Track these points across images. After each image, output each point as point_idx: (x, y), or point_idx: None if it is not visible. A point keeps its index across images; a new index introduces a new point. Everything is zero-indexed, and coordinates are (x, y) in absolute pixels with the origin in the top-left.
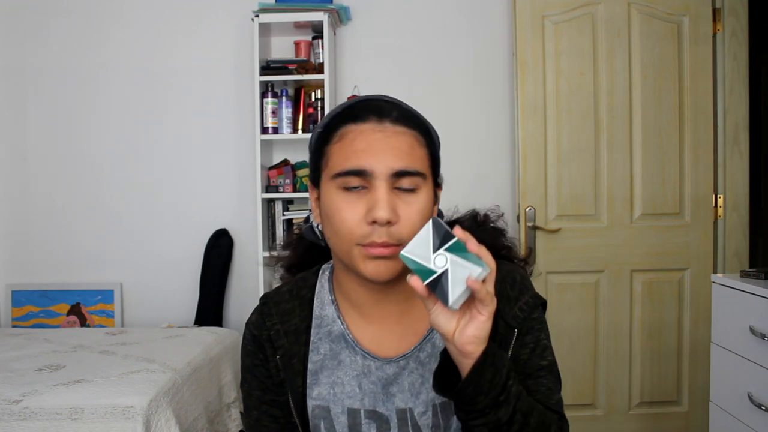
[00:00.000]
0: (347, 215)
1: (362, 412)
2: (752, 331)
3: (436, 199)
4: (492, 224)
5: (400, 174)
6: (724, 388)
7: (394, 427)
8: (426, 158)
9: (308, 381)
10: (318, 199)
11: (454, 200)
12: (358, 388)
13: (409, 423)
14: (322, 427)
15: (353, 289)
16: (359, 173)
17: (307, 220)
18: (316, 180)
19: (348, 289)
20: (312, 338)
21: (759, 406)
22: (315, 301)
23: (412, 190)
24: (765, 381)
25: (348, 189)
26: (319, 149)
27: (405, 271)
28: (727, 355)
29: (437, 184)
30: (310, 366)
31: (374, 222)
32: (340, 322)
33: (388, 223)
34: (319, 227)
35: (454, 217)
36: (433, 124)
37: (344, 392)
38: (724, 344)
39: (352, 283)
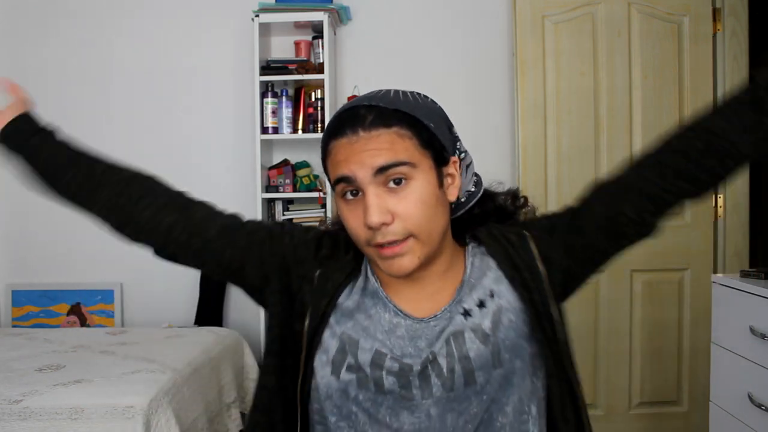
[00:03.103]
0: (352, 223)
1: (388, 356)
2: (752, 331)
3: (441, 178)
4: (529, 206)
5: (383, 170)
6: (724, 388)
7: (416, 374)
8: (413, 147)
9: (338, 316)
10: None
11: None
12: (388, 340)
13: (431, 370)
14: (349, 352)
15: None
16: (345, 180)
17: None
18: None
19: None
20: (348, 282)
21: (759, 406)
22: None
23: (404, 181)
24: (765, 381)
25: (346, 198)
26: (323, 163)
27: (431, 257)
28: (727, 355)
29: (444, 162)
30: (346, 304)
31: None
32: (374, 280)
33: (385, 224)
34: None
35: (494, 189)
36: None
37: (373, 336)
38: (724, 344)
39: None
